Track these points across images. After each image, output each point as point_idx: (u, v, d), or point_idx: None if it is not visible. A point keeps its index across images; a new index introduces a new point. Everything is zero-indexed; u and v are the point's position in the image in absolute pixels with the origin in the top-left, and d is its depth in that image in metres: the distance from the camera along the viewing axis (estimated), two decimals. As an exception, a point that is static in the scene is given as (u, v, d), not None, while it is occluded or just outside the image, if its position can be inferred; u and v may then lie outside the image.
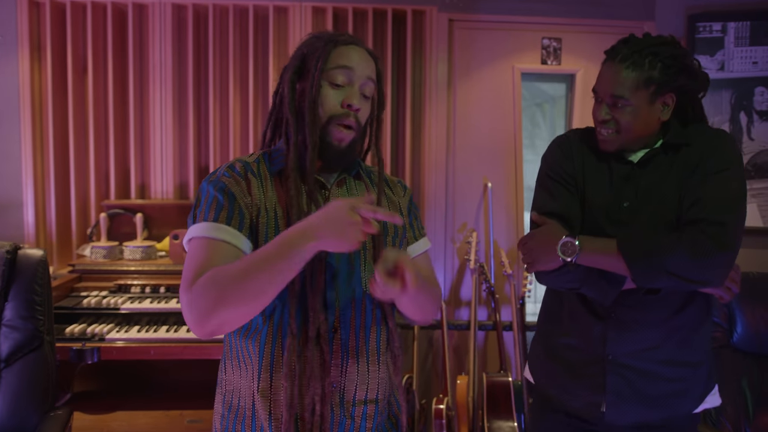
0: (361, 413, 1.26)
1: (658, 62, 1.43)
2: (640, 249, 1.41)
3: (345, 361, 1.24)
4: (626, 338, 1.50)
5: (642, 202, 1.50)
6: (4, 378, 1.90)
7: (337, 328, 1.23)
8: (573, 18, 3.12)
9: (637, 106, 1.45)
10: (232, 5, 2.96)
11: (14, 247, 2.01)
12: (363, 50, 1.28)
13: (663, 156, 1.52)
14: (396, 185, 1.41)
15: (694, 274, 1.38)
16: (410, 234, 1.38)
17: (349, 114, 1.23)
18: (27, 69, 2.90)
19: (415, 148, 3.14)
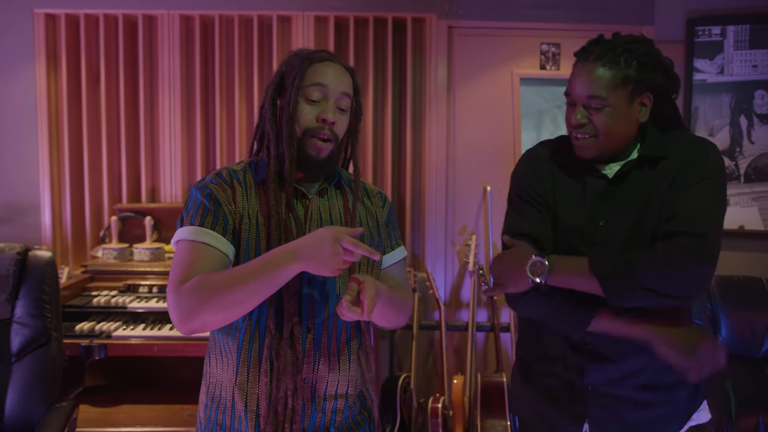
0: (332, 408, 1.34)
1: (633, 60, 1.36)
2: (612, 265, 1.34)
3: (317, 360, 1.32)
4: (605, 368, 1.44)
5: (618, 220, 1.42)
6: (15, 371, 2.02)
7: (311, 328, 1.31)
8: (572, 23, 3.16)
9: (615, 106, 1.38)
10: (237, 15, 3.07)
11: (25, 248, 2.13)
12: (339, 66, 1.35)
13: (639, 170, 1.44)
14: (375, 196, 1.48)
15: (670, 288, 1.31)
16: (387, 243, 1.45)
17: (323, 128, 1.31)
18: (43, 79, 3.05)
19: (416, 152, 3.21)
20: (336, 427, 1.35)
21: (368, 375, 1.42)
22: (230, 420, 1.34)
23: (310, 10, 3.08)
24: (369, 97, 3.14)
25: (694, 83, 3.10)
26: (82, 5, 3.04)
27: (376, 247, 1.41)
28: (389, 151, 3.17)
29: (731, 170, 3.08)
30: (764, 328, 2.11)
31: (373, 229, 1.43)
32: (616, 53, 1.36)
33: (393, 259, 1.46)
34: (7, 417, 1.98)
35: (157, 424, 2.23)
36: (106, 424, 2.23)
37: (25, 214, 3.11)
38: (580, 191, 1.47)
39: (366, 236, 1.40)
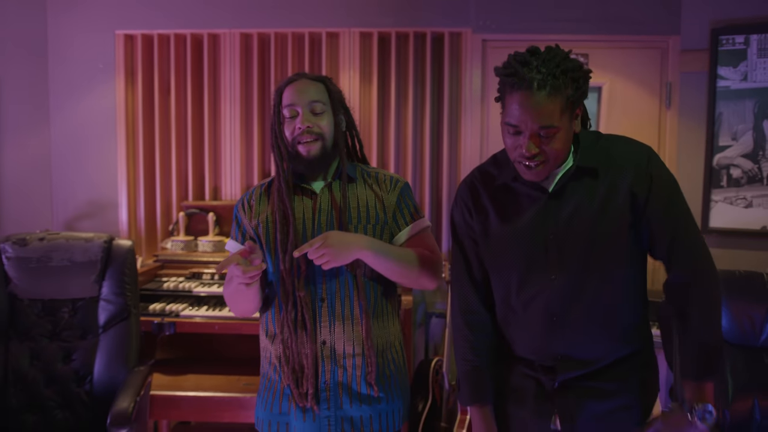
0: (351, 364, 1.64)
1: (568, 79, 1.34)
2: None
3: (332, 324, 1.62)
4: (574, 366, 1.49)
5: (565, 234, 1.44)
6: (101, 341, 2.41)
7: (324, 298, 1.63)
8: (600, 34, 3.36)
9: (562, 130, 1.38)
10: (291, 33, 3.42)
11: (110, 238, 2.52)
12: (305, 81, 1.68)
13: (576, 181, 1.46)
14: (384, 182, 1.75)
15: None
16: (401, 221, 1.71)
17: (302, 132, 1.64)
18: (122, 91, 3.47)
19: (452, 156, 3.48)
20: (357, 381, 1.64)
21: (367, 342, 1.64)
22: (273, 374, 1.68)
23: (355, 27, 3.40)
24: (409, 105, 3.43)
25: (718, 90, 3.25)
26: (156, 26, 3.44)
27: (382, 225, 1.69)
28: (428, 154, 3.45)
29: (755, 173, 3.22)
30: (762, 319, 2.28)
31: (380, 210, 1.70)
32: (555, 77, 1.32)
33: (404, 236, 1.71)
34: (96, 378, 2.37)
35: (217, 390, 2.58)
36: (174, 389, 2.60)
37: (105, 211, 3.54)
38: (521, 209, 1.49)
39: (372, 216, 1.68)
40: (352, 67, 3.41)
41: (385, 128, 3.50)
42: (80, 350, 2.40)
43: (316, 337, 1.62)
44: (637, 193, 1.42)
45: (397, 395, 1.71)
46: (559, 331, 1.47)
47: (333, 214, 1.67)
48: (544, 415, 1.51)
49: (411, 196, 1.77)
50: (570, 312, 1.46)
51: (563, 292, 1.46)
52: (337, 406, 1.63)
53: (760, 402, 2.21)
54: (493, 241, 1.53)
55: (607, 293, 1.46)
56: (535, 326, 1.49)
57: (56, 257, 2.44)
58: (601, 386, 1.48)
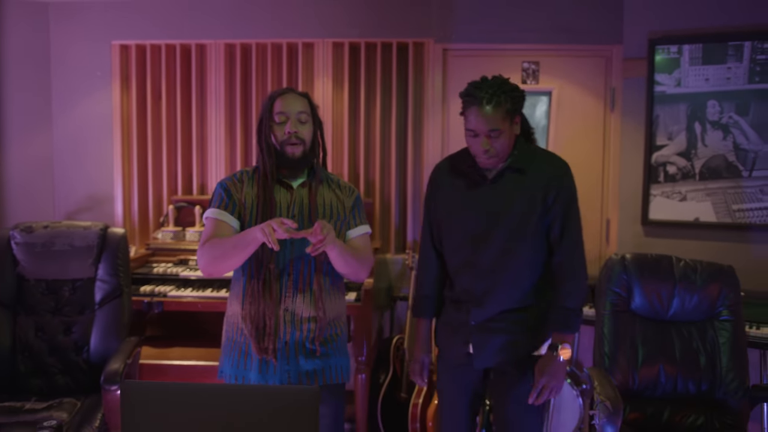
0: (306, 327, 1.99)
1: (508, 97, 1.95)
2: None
3: (295, 295, 1.98)
4: (482, 311, 2.09)
5: (496, 208, 2.04)
6: (97, 316, 2.76)
7: (291, 273, 1.98)
8: (549, 44, 3.69)
9: (505, 131, 1.96)
10: (270, 43, 3.76)
11: (105, 226, 2.87)
12: (293, 95, 2.04)
13: (510, 174, 2.05)
14: (345, 188, 2.13)
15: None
16: (351, 222, 2.08)
17: (291, 136, 1.99)
18: (118, 97, 3.82)
19: (416, 154, 3.82)
20: (310, 340, 1.99)
21: (318, 312, 2.00)
22: (239, 337, 2.02)
23: (328, 38, 3.74)
24: (377, 109, 3.78)
25: (655, 94, 3.58)
26: (148, 37, 3.79)
27: (341, 223, 2.05)
28: (394, 152, 3.79)
29: (688, 170, 3.56)
30: (669, 295, 2.62)
31: (340, 211, 2.06)
32: (498, 95, 1.92)
33: (356, 233, 2.08)
34: (92, 348, 2.72)
35: (199, 359, 2.95)
36: (161, 359, 2.96)
37: (102, 204, 3.89)
38: (469, 189, 2.10)
39: (335, 214, 2.04)
40: (326, 74, 3.75)
41: (356, 130, 3.84)
42: (79, 324, 2.75)
43: (280, 304, 1.97)
44: (547, 193, 2.03)
45: (341, 354, 2.08)
46: (481, 282, 2.06)
47: (311, 207, 2.01)
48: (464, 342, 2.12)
49: (362, 204, 2.15)
50: (490, 268, 2.05)
51: (487, 251, 2.05)
52: (294, 361, 1.98)
53: (665, 368, 2.56)
54: (446, 208, 2.14)
55: (517, 257, 2.05)
56: (465, 275, 2.09)
57: (58, 243, 2.79)
58: (501, 326, 2.08)
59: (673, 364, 2.56)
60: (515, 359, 2.09)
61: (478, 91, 1.95)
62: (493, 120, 1.93)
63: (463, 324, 2.10)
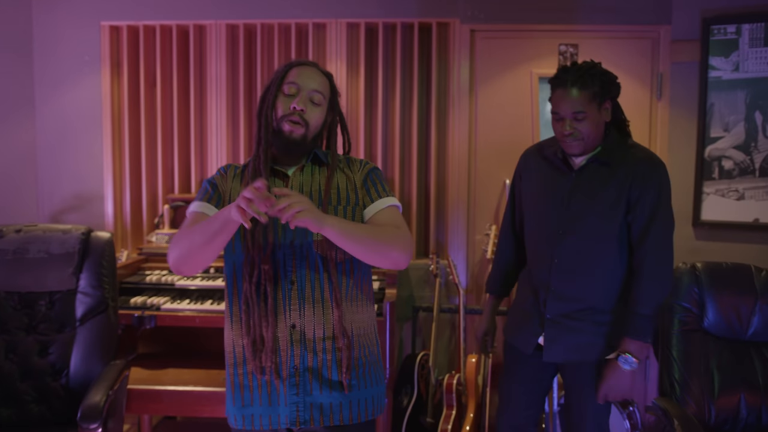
0: (322, 348, 1.60)
1: (596, 80, 1.91)
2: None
3: (302, 307, 1.59)
4: (560, 305, 2.06)
5: (578, 198, 2.00)
6: (79, 334, 2.39)
7: (294, 281, 1.59)
8: (590, 24, 3.31)
9: (591, 115, 1.92)
10: (277, 23, 3.38)
11: (88, 230, 2.49)
12: (314, 69, 1.68)
13: (597, 165, 1.99)
14: (354, 164, 1.75)
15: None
16: (367, 199, 1.68)
17: (294, 113, 1.61)
18: (108, 83, 3.44)
19: (440, 149, 3.44)
20: (328, 366, 1.60)
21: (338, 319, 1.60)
22: (236, 367, 1.65)
23: (342, 18, 3.35)
24: (397, 97, 3.39)
25: (710, 80, 3.20)
26: (142, 17, 3.41)
27: (353, 207, 1.65)
28: (415, 147, 3.41)
29: (746, 165, 3.17)
30: (750, 312, 2.24)
31: (351, 192, 1.67)
32: (584, 77, 1.89)
33: (374, 209, 1.66)
34: (72, 371, 2.34)
35: (197, 384, 2.55)
36: (153, 383, 2.56)
37: (91, 203, 3.52)
38: (552, 177, 2.08)
39: (343, 198, 1.65)
40: (339, 58, 3.37)
41: (373, 121, 3.46)
42: (57, 343, 2.38)
43: (284, 319, 1.59)
44: (632, 190, 1.95)
45: (370, 383, 1.67)
46: (558, 277, 2.02)
47: (314, 196, 1.64)
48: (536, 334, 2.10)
49: (380, 176, 1.75)
50: (569, 266, 2.01)
51: (565, 248, 2.01)
52: (306, 392, 1.59)
53: (747, 398, 2.17)
54: (529, 193, 2.14)
55: (598, 257, 1.99)
56: (542, 268, 2.06)
57: (33, 249, 2.41)
58: (577, 325, 2.01)
59: (755, 392, 2.18)
60: (586, 360, 2.03)
61: (566, 74, 1.93)
62: (577, 101, 1.90)
63: (538, 314, 2.07)
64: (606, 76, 1.93)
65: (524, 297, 2.15)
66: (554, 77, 1.97)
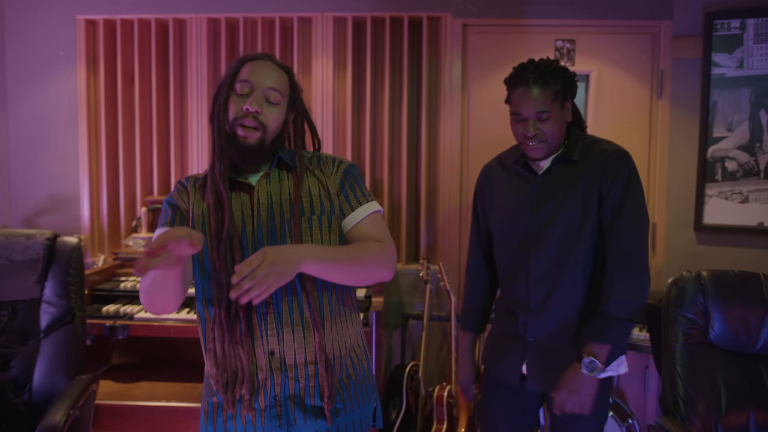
0: (304, 374, 1.45)
1: (558, 78, 1.79)
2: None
3: (280, 331, 1.44)
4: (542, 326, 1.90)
5: (548, 204, 1.86)
6: (43, 346, 2.23)
7: (270, 302, 1.43)
8: (587, 19, 3.17)
9: (555, 114, 1.81)
10: (260, 17, 3.23)
11: (54, 235, 2.33)
12: (270, 64, 1.51)
13: (562, 165, 1.87)
14: (327, 164, 1.57)
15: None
16: (346, 206, 1.53)
17: (247, 115, 1.45)
18: (83, 80, 3.28)
19: (431, 148, 3.29)
20: (311, 393, 1.45)
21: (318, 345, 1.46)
22: (211, 395, 1.49)
23: (329, 11, 3.21)
24: (385, 94, 3.24)
25: (713, 78, 3.06)
26: (119, 11, 3.25)
27: (328, 215, 1.50)
28: (405, 147, 3.26)
29: (751, 166, 3.03)
30: (759, 323, 2.10)
31: (325, 198, 1.51)
32: (546, 75, 1.77)
33: (356, 218, 1.52)
34: (35, 386, 2.18)
35: (171, 400, 2.40)
36: (124, 398, 2.41)
37: (66, 206, 3.36)
38: (518, 186, 1.93)
39: (317, 207, 1.49)
40: (326, 54, 3.22)
41: (361, 120, 3.31)
42: (19, 356, 2.22)
43: (262, 346, 1.44)
44: (602, 183, 1.81)
45: (357, 404, 1.53)
46: (536, 290, 1.86)
47: (273, 208, 1.48)
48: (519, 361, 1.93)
49: (358, 176, 1.59)
50: (545, 274, 1.85)
51: (542, 255, 1.86)
52: (289, 423, 1.44)
53: (757, 415, 2.03)
54: (494, 210, 2.00)
55: (575, 261, 1.83)
56: (518, 283, 1.90)
57: (-6, 256, 2.26)
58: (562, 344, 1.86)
59: (765, 410, 2.03)
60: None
61: (525, 72, 1.81)
62: (540, 101, 1.79)
63: (519, 339, 1.91)
64: (566, 74, 1.82)
65: (502, 320, 1.98)
66: (512, 76, 1.85)
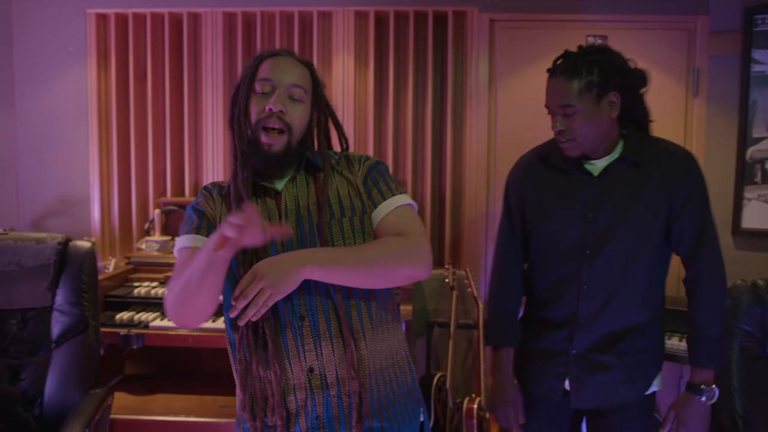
0: (347, 392, 1.31)
1: (594, 68, 1.57)
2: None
3: (318, 346, 1.31)
4: (588, 337, 1.74)
5: (606, 212, 1.67)
6: (54, 357, 2.10)
7: (304, 316, 1.31)
8: (620, 14, 3.04)
9: (584, 109, 1.59)
10: (279, 11, 3.10)
11: (66, 239, 2.20)
12: (290, 59, 1.39)
13: (622, 168, 1.67)
14: (354, 162, 1.46)
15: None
16: (369, 204, 1.41)
17: (270, 116, 1.33)
18: (94, 76, 3.16)
19: (456, 148, 3.16)
20: (357, 409, 1.31)
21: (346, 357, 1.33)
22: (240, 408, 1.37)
23: (350, 5, 3.08)
24: (409, 92, 3.11)
25: (753, 75, 2.93)
26: (131, 5, 3.13)
27: (360, 216, 1.39)
28: (429, 147, 3.13)
29: (792, 168, 2.90)
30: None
31: (355, 198, 1.40)
32: (577, 65, 1.57)
33: (381, 213, 1.39)
34: (47, 400, 2.06)
35: (189, 414, 2.26)
36: (139, 412, 2.28)
37: (76, 207, 3.23)
38: (567, 188, 1.72)
39: (346, 208, 1.38)
40: (347, 49, 3.09)
41: (383, 119, 3.18)
42: (30, 368, 2.09)
43: (298, 362, 1.31)
44: (674, 193, 1.64)
45: (404, 422, 1.39)
46: (590, 302, 1.69)
47: (301, 213, 1.37)
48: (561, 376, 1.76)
49: (384, 171, 1.46)
50: (602, 286, 1.68)
51: (599, 266, 1.67)
52: None
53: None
54: (537, 212, 1.76)
55: (636, 273, 1.67)
56: (568, 294, 1.71)
57: (2, 261, 2.13)
58: (609, 359, 1.70)
59: (829, 429, 1.90)
60: (622, 401, 1.73)
61: (558, 59, 1.64)
62: (564, 93, 1.59)
63: (561, 352, 1.74)
64: (610, 64, 1.58)
65: (536, 332, 1.80)
66: (552, 65, 1.66)
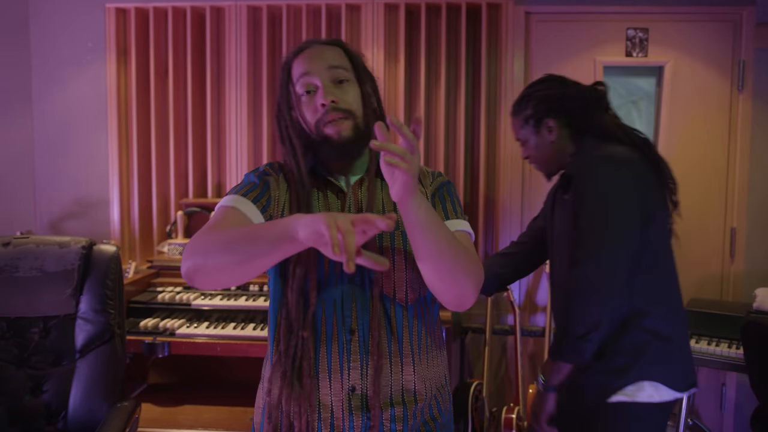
0: (389, 417, 1.20)
1: (530, 101, 1.76)
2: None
3: (364, 363, 1.19)
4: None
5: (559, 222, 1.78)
6: (78, 368, 1.98)
7: (355, 330, 1.20)
8: (662, 5, 2.91)
9: (527, 139, 1.80)
10: (305, 5, 2.98)
11: (90, 242, 2.09)
12: (318, 46, 1.29)
13: (564, 181, 1.74)
14: (427, 175, 1.35)
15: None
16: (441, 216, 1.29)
17: (327, 111, 1.23)
18: (114, 73, 3.05)
19: (490, 148, 3.03)
20: None
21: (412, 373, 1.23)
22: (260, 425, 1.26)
23: (379, -2, 2.96)
24: (441, 88, 2.99)
25: (803, 69, 2.79)
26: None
27: None
28: (462, 147, 3.01)
29: None
30: None
31: None
32: (518, 103, 1.80)
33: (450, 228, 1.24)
34: (71, 413, 1.94)
35: (218, 428, 2.14)
36: (167, 425, 2.16)
37: (94, 209, 3.13)
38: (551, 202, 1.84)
39: (400, 222, 1.24)
40: (376, 44, 2.97)
41: (414, 116, 3.05)
42: (53, 379, 1.97)
43: (342, 381, 1.19)
44: (575, 199, 1.63)
45: None
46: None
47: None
48: None
49: (453, 192, 1.36)
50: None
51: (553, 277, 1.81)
52: None
53: None
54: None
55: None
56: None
57: (24, 266, 2.01)
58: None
59: None
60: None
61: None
62: (515, 129, 1.84)
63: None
64: (542, 93, 1.75)
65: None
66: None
